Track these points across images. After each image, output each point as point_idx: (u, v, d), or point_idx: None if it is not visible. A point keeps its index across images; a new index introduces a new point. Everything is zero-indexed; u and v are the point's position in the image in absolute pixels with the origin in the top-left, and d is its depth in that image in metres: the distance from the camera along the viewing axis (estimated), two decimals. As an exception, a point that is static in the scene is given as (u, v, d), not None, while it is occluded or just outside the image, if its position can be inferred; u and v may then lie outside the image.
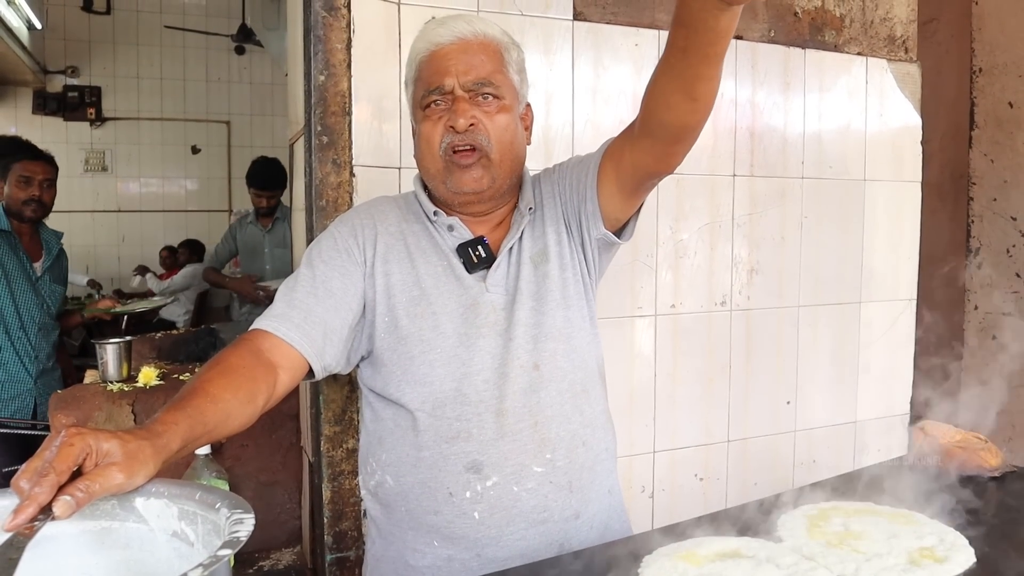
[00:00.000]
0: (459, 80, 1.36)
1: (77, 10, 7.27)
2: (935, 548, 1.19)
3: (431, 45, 1.40)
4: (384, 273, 1.41)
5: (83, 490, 0.91)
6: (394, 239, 1.45)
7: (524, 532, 1.36)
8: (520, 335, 1.39)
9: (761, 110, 2.49)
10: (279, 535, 2.40)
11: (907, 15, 2.75)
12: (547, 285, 1.43)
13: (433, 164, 1.40)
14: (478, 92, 1.38)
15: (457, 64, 1.37)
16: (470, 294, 1.40)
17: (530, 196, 1.48)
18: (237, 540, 0.92)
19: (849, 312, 2.70)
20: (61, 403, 2.18)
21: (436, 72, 1.38)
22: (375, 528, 1.49)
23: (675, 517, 1.49)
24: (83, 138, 7.51)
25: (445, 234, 1.45)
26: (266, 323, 1.33)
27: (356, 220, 1.47)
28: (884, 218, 2.73)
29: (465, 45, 1.38)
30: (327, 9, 1.91)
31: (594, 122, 2.25)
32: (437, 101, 1.38)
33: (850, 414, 2.72)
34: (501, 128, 1.39)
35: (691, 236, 2.40)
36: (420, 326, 1.38)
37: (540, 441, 1.37)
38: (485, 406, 1.36)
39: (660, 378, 2.36)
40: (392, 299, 1.40)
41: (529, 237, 1.46)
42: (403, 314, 1.39)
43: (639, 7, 2.29)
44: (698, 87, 1.18)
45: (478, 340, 1.38)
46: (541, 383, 1.39)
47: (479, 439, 1.35)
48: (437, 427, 1.36)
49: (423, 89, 1.40)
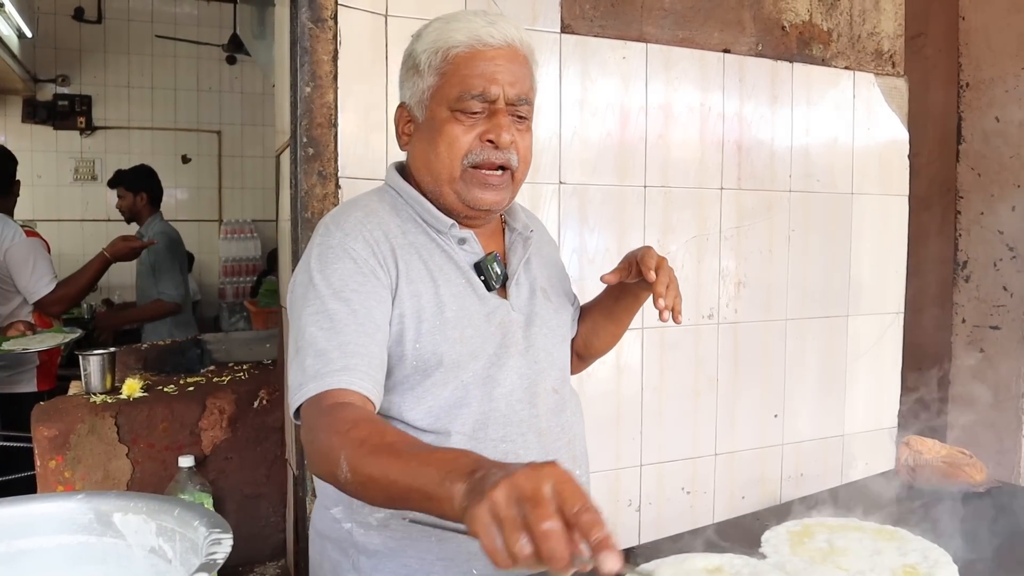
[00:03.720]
0: (505, 92, 1.28)
1: (68, 19, 7.25)
2: (918, 565, 1.19)
3: (476, 42, 1.28)
4: (412, 295, 1.29)
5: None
6: (409, 255, 1.32)
7: None
8: (543, 359, 1.40)
9: (749, 123, 2.50)
10: (263, 549, 2.38)
11: (894, 30, 2.76)
12: (556, 319, 1.47)
13: (449, 171, 1.31)
14: (517, 108, 1.31)
15: (506, 74, 1.28)
16: (498, 313, 1.36)
17: (523, 218, 1.47)
18: (214, 563, 0.91)
19: (836, 325, 2.70)
20: (43, 415, 2.16)
21: (481, 76, 1.27)
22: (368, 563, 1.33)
23: (662, 531, 1.49)
24: (73, 147, 7.47)
25: (457, 248, 1.36)
26: (329, 382, 1.15)
27: (367, 232, 1.30)
28: (871, 231, 2.74)
29: (513, 53, 1.30)
30: (313, 21, 1.90)
31: (581, 135, 2.25)
32: (475, 107, 1.28)
33: (837, 427, 2.72)
34: (527, 148, 1.35)
35: (678, 249, 2.40)
36: (459, 351, 1.30)
37: (572, 459, 1.42)
38: (527, 426, 1.34)
39: (647, 391, 2.36)
40: (423, 324, 1.29)
41: (537, 264, 1.48)
42: (440, 339, 1.29)
43: (626, 20, 2.30)
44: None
45: (508, 360, 1.34)
46: (563, 404, 1.43)
47: (526, 459, 1.29)
48: (480, 450, 1.24)
49: (461, 89, 1.28)
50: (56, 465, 2.12)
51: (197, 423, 2.30)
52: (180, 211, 8.02)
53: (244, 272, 7.94)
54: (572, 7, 2.22)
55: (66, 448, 2.13)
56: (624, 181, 2.32)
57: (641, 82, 2.33)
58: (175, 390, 2.38)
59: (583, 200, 2.26)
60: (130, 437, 2.21)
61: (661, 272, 1.35)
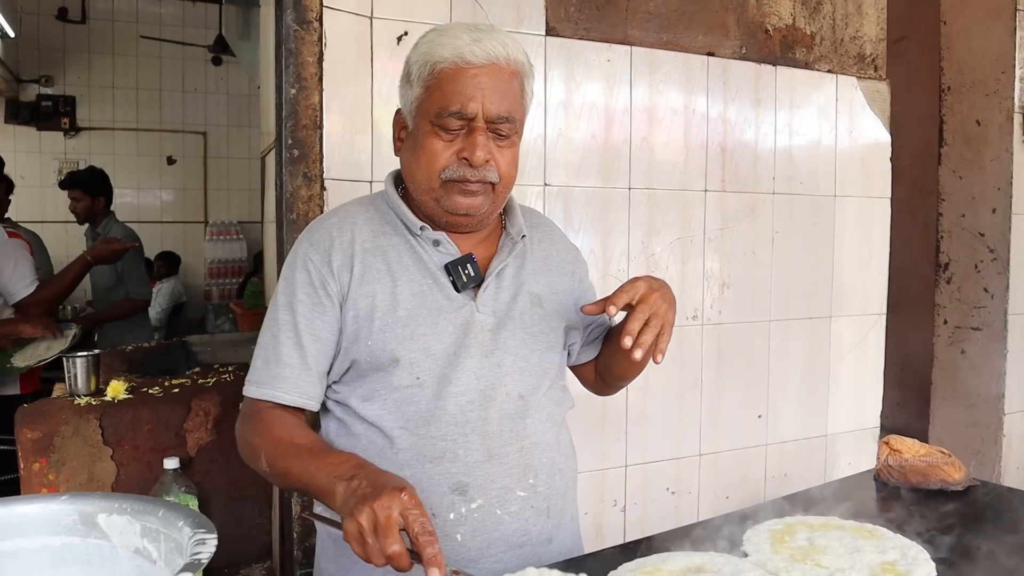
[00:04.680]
0: (483, 110, 1.29)
1: (51, 19, 7.21)
2: (897, 563, 1.20)
3: (459, 59, 1.29)
4: (365, 295, 1.34)
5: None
6: (371, 256, 1.37)
7: (502, 555, 1.36)
8: (508, 363, 1.38)
9: (733, 126, 2.52)
10: (249, 550, 2.38)
11: (877, 34, 2.79)
12: (541, 325, 1.44)
13: (428, 182, 1.34)
14: (497, 125, 1.31)
15: (485, 92, 1.29)
16: (461, 313, 1.37)
17: (520, 223, 1.47)
18: (198, 563, 0.91)
19: (820, 327, 2.72)
20: (27, 417, 2.15)
21: (460, 93, 1.29)
22: (333, 547, 1.43)
23: (647, 530, 1.49)
24: (57, 148, 7.43)
25: (430, 250, 1.39)
26: (262, 391, 1.35)
27: (330, 241, 1.37)
28: (854, 233, 2.76)
29: (496, 70, 1.30)
30: (299, 22, 1.91)
31: (566, 136, 2.26)
32: (453, 124, 1.30)
33: (821, 428, 2.74)
34: (509, 163, 1.36)
35: (663, 251, 2.41)
36: (411, 348, 1.33)
37: (525, 466, 1.38)
38: (471, 427, 1.34)
39: (632, 392, 2.37)
40: (375, 322, 1.33)
41: (533, 270, 1.47)
42: (390, 336, 1.33)
43: (611, 23, 2.31)
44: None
45: (465, 360, 1.35)
46: (527, 411, 1.40)
47: (465, 460, 1.33)
48: (420, 446, 1.33)
49: (440, 105, 1.30)
50: (40, 467, 2.11)
51: (182, 425, 2.29)
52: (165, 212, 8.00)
53: (230, 274, 7.91)
54: (557, 10, 2.23)
55: (50, 450, 2.12)
56: (609, 183, 2.33)
57: (626, 85, 2.34)
58: (160, 392, 2.38)
59: (568, 202, 2.27)
60: (115, 439, 2.20)
61: (640, 307, 1.27)
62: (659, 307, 1.28)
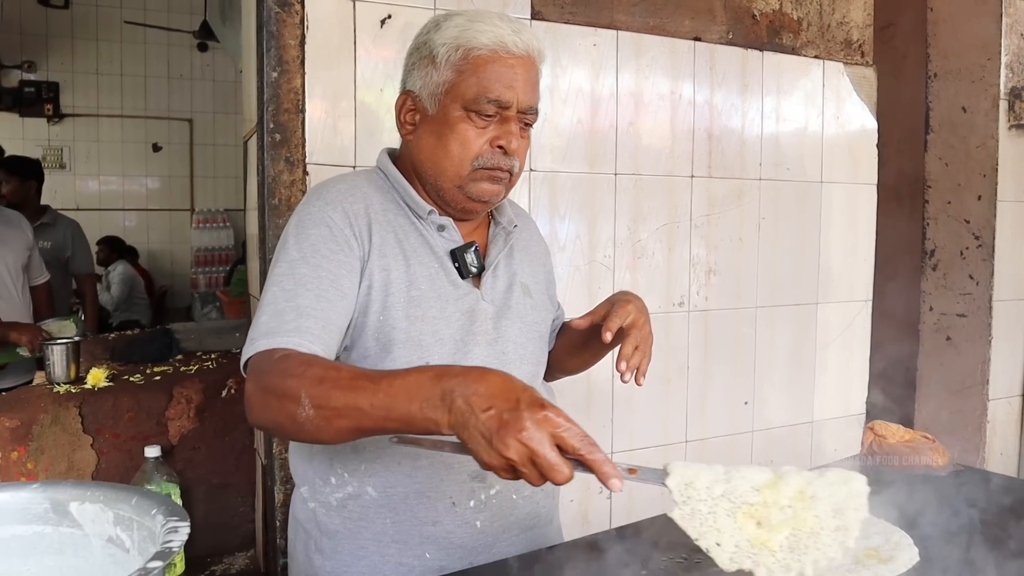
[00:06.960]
0: (519, 99, 1.31)
1: (34, 3, 7.11)
2: (880, 548, 1.20)
3: (500, 47, 1.30)
4: (382, 268, 1.31)
5: None
6: (386, 231, 1.34)
7: (515, 539, 1.39)
8: (511, 352, 1.40)
9: (719, 112, 2.50)
10: (232, 539, 2.36)
11: (864, 19, 2.78)
12: (533, 315, 1.46)
13: (457, 169, 1.33)
14: (526, 116, 1.34)
15: (523, 83, 1.31)
16: (467, 300, 1.37)
17: (510, 213, 1.49)
18: (170, 551, 0.90)
19: (806, 313, 2.72)
20: (4, 405, 2.13)
21: (501, 82, 1.29)
22: (329, 544, 1.37)
23: (633, 517, 1.50)
24: (40, 135, 7.37)
25: (435, 234, 1.38)
26: (282, 340, 1.16)
27: (347, 204, 1.32)
28: (840, 220, 2.76)
29: (530, 63, 1.33)
30: (280, 5, 1.88)
31: (552, 121, 2.24)
32: (489, 110, 1.30)
33: (807, 414, 2.74)
34: (525, 153, 1.39)
35: (649, 237, 2.40)
36: (420, 329, 1.31)
37: None
38: None
39: (617, 379, 2.35)
40: (389, 297, 1.30)
41: (520, 260, 1.49)
42: (401, 315, 1.30)
43: (597, 7, 2.29)
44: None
45: (473, 348, 1.35)
46: None
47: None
48: None
49: (478, 91, 1.29)
50: (18, 456, 2.09)
51: (164, 413, 2.27)
52: (151, 200, 7.94)
53: (216, 261, 7.88)
54: (542, -7, 2.21)
55: (28, 439, 2.10)
56: (594, 169, 2.31)
57: (612, 70, 2.33)
58: (141, 380, 2.36)
59: (553, 187, 2.26)
60: (95, 427, 2.18)
61: (632, 332, 1.33)
62: (646, 331, 1.37)
